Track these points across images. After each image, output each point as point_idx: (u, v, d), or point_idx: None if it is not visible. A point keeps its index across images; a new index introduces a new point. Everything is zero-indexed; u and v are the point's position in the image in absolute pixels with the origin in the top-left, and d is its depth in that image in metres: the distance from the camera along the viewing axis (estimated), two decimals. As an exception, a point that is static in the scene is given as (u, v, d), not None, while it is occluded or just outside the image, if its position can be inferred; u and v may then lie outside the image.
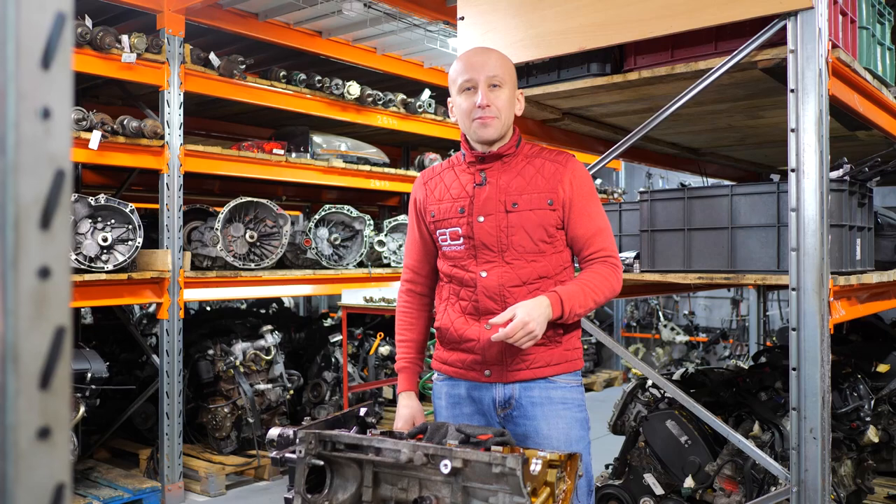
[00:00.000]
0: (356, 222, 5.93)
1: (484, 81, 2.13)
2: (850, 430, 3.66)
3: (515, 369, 2.16)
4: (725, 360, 8.26)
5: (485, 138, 2.16)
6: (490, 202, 2.16)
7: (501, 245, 2.15)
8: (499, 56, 2.21)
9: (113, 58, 4.45)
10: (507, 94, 2.17)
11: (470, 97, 2.15)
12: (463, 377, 2.24)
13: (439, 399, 2.32)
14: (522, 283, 2.14)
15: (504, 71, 2.18)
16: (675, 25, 2.67)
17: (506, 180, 2.18)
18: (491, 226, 2.15)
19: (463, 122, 2.20)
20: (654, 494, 3.38)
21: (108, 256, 4.45)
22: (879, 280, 3.02)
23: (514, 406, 2.19)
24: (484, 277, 2.15)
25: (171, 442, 4.77)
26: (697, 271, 2.95)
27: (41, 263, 0.59)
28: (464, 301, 2.20)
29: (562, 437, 2.16)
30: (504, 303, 2.13)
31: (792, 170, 2.51)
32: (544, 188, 2.16)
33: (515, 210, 2.14)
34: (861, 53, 2.93)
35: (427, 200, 2.29)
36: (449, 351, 2.26)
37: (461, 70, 2.18)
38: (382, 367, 6.52)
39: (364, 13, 5.10)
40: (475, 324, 2.17)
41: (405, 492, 1.81)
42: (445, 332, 2.24)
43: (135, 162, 4.69)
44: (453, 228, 2.19)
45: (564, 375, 2.21)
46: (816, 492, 2.47)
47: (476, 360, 2.19)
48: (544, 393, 2.18)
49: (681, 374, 3.99)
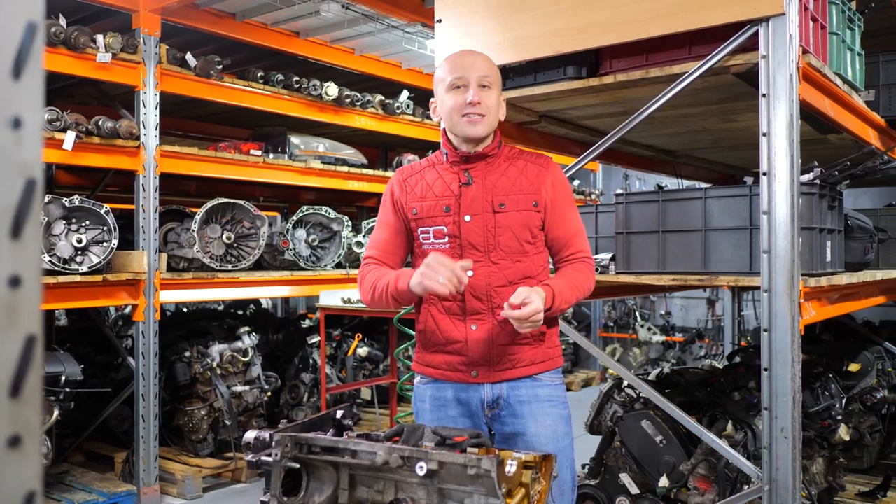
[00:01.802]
0: (334, 223, 5.92)
1: (475, 81, 2.16)
2: (821, 429, 3.72)
3: (502, 369, 2.18)
4: (701, 360, 8.34)
5: (472, 136, 2.17)
6: (477, 201, 2.17)
7: (488, 245, 2.16)
8: (488, 59, 2.25)
9: (88, 57, 4.41)
10: (495, 96, 2.21)
11: (459, 94, 2.16)
12: (448, 379, 2.23)
13: (422, 402, 2.30)
14: (508, 283, 2.16)
15: (493, 73, 2.21)
16: (650, 30, 2.70)
17: (492, 180, 2.19)
18: (478, 225, 2.16)
19: (449, 120, 2.20)
20: (629, 494, 3.41)
21: (82, 258, 4.41)
22: (849, 281, 3.08)
23: (502, 406, 2.21)
24: (470, 277, 2.14)
25: (147, 444, 4.73)
26: (671, 273, 2.99)
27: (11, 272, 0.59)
28: (447, 301, 2.19)
29: (549, 434, 2.19)
30: (490, 302, 2.15)
31: (763, 173, 2.55)
32: (529, 189, 2.19)
33: (503, 210, 2.16)
34: (831, 59, 2.98)
35: (407, 197, 2.27)
36: (433, 353, 2.25)
37: (451, 69, 2.19)
38: (360, 369, 6.51)
39: (342, 14, 5.09)
40: (461, 324, 2.18)
41: (381, 494, 1.82)
42: (430, 334, 2.23)
43: (110, 163, 4.65)
44: (438, 227, 2.19)
45: (548, 373, 2.25)
46: (787, 490, 2.51)
47: (463, 360, 2.19)
48: (531, 391, 2.21)
49: (656, 375, 4.02)
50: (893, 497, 4.18)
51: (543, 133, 3.80)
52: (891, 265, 4.02)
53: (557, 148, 4.04)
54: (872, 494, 4.16)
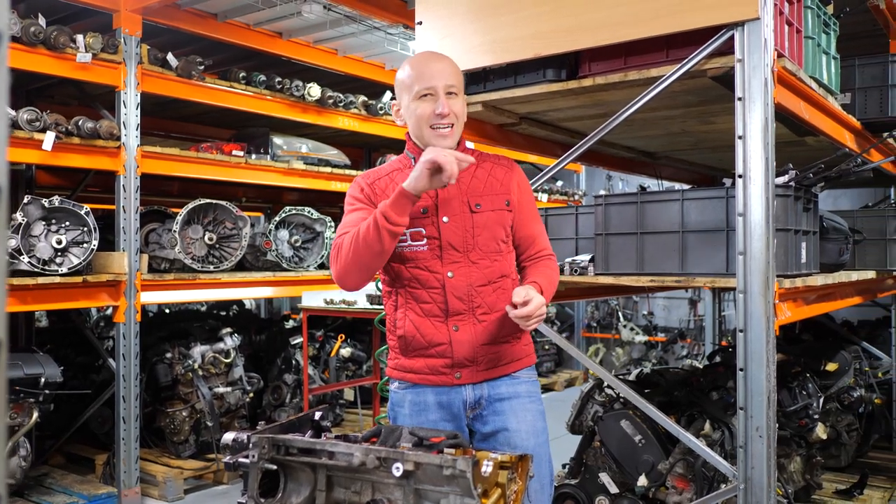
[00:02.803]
0: (317, 224, 5.92)
1: (443, 89, 2.14)
2: (799, 428, 3.77)
3: (485, 368, 2.20)
4: (683, 360, 8.40)
5: (444, 147, 2.14)
6: (454, 202, 2.17)
7: (467, 245, 2.17)
8: (451, 63, 2.24)
9: (67, 57, 4.39)
10: (461, 102, 2.21)
11: (427, 104, 2.15)
12: (430, 383, 2.21)
13: (401, 408, 2.27)
14: (488, 283, 2.18)
15: (458, 79, 2.22)
16: (628, 34, 2.73)
17: (465, 181, 2.20)
18: (457, 226, 2.16)
19: (417, 128, 2.18)
20: (609, 493, 3.44)
21: (62, 259, 4.39)
22: (824, 282, 3.12)
23: (484, 405, 2.22)
24: (451, 278, 2.15)
25: (128, 446, 4.71)
26: (650, 274, 3.01)
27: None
28: (426, 304, 2.18)
29: (530, 429, 2.21)
30: (471, 302, 2.16)
31: (739, 176, 2.59)
32: (500, 190, 2.23)
33: (479, 211, 2.18)
34: (807, 62, 3.01)
35: (379, 199, 2.18)
36: (413, 358, 2.22)
37: (417, 77, 2.17)
38: (344, 369, 6.51)
39: (324, 15, 5.09)
40: (442, 326, 2.17)
41: (358, 495, 1.83)
42: (411, 339, 2.20)
43: (90, 163, 4.62)
44: (416, 229, 2.17)
45: (525, 370, 2.29)
46: (762, 489, 2.54)
47: (446, 363, 2.18)
48: (511, 389, 2.23)
49: (636, 375, 4.06)
50: (870, 495, 4.24)
51: (524, 135, 3.82)
52: (866, 266, 4.08)
53: (538, 149, 4.06)
54: (849, 492, 4.22)
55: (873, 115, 3.93)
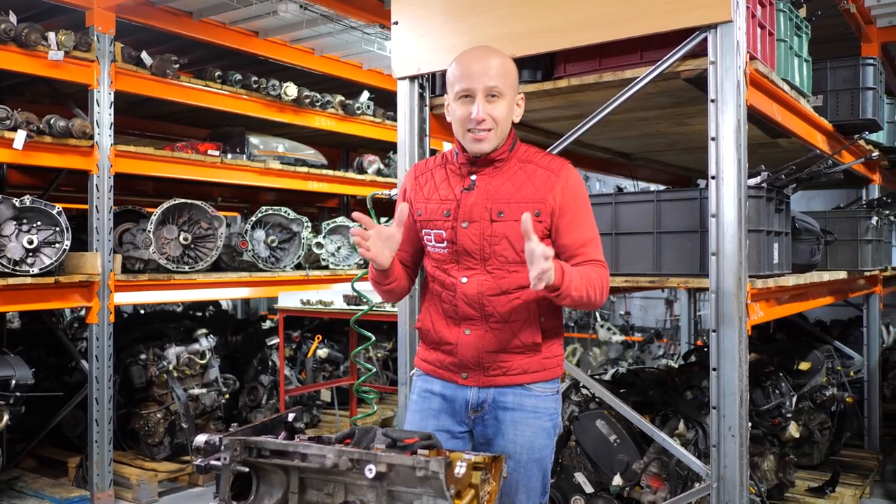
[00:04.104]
0: (294, 224, 5.88)
1: (482, 92, 2.07)
2: (772, 426, 3.81)
3: (492, 375, 2.18)
4: (659, 360, 8.46)
5: (477, 152, 2.13)
6: (476, 208, 2.13)
7: (484, 253, 2.13)
8: (500, 63, 2.11)
9: (39, 55, 4.33)
10: (505, 105, 2.11)
11: (466, 107, 2.09)
12: (440, 377, 2.26)
13: (413, 393, 2.35)
14: (502, 293, 2.13)
15: (504, 80, 2.10)
16: (603, 35, 2.74)
17: (495, 186, 2.13)
18: (475, 233, 2.12)
19: (457, 130, 2.14)
20: (584, 493, 3.45)
21: (33, 259, 4.33)
22: (796, 283, 3.15)
23: (486, 410, 2.21)
24: (464, 284, 2.14)
25: (101, 449, 4.65)
26: (624, 274, 3.03)
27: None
28: (444, 304, 2.20)
29: (526, 444, 2.18)
30: (482, 310, 2.14)
31: (712, 177, 2.61)
32: (533, 198, 2.11)
33: (501, 219, 2.11)
34: (779, 65, 3.05)
35: (416, 197, 2.25)
36: (429, 350, 2.29)
37: (459, 76, 2.10)
38: (321, 370, 6.48)
39: (300, 14, 5.07)
40: (455, 328, 2.19)
41: (331, 497, 1.82)
42: (427, 332, 2.27)
43: (63, 162, 4.56)
44: (438, 231, 2.16)
45: (541, 384, 2.21)
46: (735, 487, 2.56)
47: (454, 362, 2.20)
48: (517, 399, 2.19)
49: (612, 375, 4.08)
50: (842, 492, 4.29)
51: (501, 135, 3.82)
52: (838, 266, 4.13)
53: (515, 150, 4.06)
54: (822, 490, 4.27)
55: (845, 117, 3.99)
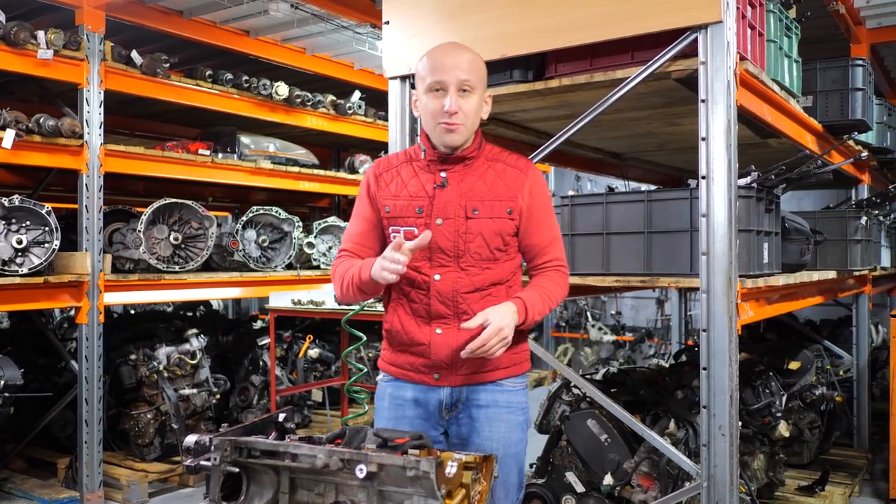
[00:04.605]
0: (285, 224, 5.87)
1: (455, 85, 2.08)
2: (762, 426, 3.82)
3: (464, 373, 2.17)
4: (650, 359, 8.49)
5: (449, 144, 2.13)
6: (451, 205, 2.13)
7: (458, 250, 2.13)
8: (471, 58, 2.14)
9: (28, 54, 4.31)
10: (476, 100, 2.13)
11: (438, 99, 2.10)
12: (410, 380, 2.22)
13: (382, 400, 2.29)
14: (475, 290, 2.14)
15: (475, 74, 2.12)
16: (594, 35, 2.74)
17: (468, 184, 2.15)
18: (449, 230, 2.12)
19: (427, 123, 2.15)
20: (575, 492, 3.46)
21: (22, 259, 4.30)
22: (786, 282, 3.16)
23: (460, 409, 2.20)
24: (437, 281, 2.13)
25: (91, 449, 4.63)
26: (615, 274, 3.03)
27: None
28: (414, 303, 2.17)
29: (501, 439, 2.19)
30: (456, 307, 2.14)
31: (703, 177, 2.61)
32: (505, 195, 2.15)
33: (475, 217, 2.12)
34: (769, 65, 3.06)
35: (381, 193, 2.21)
36: (397, 353, 2.24)
37: (431, 69, 2.11)
38: (312, 370, 6.46)
39: (291, 13, 5.06)
40: (426, 327, 2.16)
41: (322, 497, 1.81)
42: (395, 334, 2.22)
43: (52, 162, 4.54)
44: (409, 228, 2.15)
45: (512, 379, 2.23)
46: (725, 486, 2.57)
47: (426, 363, 2.18)
48: (491, 396, 2.20)
49: (603, 374, 4.08)
50: (831, 491, 4.31)
51: (493, 135, 3.82)
52: (827, 266, 4.15)
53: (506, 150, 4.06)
54: (811, 488, 4.29)
55: (834, 117, 4.00)
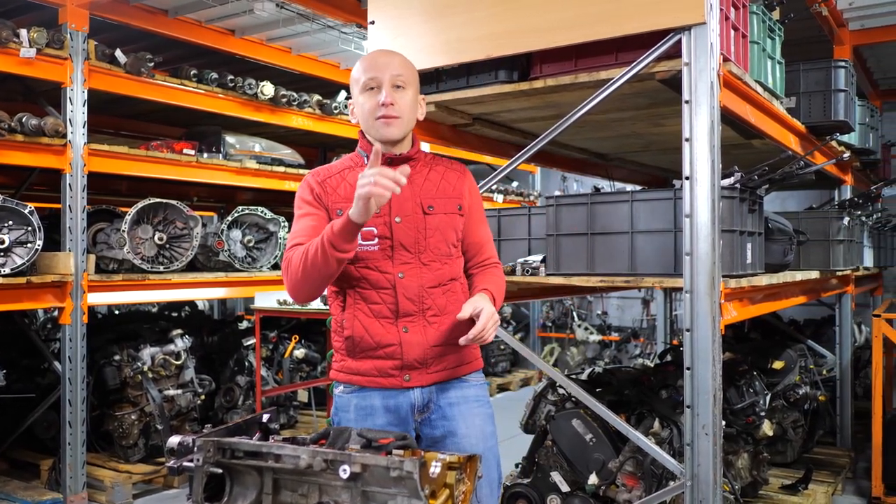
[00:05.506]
0: (270, 224, 5.85)
1: (388, 81, 2.12)
2: (746, 425, 3.84)
3: (434, 371, 2.18)
4: (636, 359, 8.52)
5: (388, 137, 2.14)
6: (407, 203, 2.15)
7: (419, 246, 2.15)
8: (403, 58, 2.22)
9: (10, 52, 4.27)
10: (410, 96, 2.17)
11: (373, 96, 2.13)
12: (378, 385, 2.16)
13: (346, 412, 2.20)
14: (438, 285, 2.17)
15: (408, 73, 2.18)
16: (578, 36, 2.75)
17: (419, 182, 2.19)
18: (409, 227, 2.14)
19: (365, 122, 2.17)
20: (560, 492, 3.46)
21: (5, 259, 4.27)
22: (769, 282, 3.18)
23: (432, 409, 2.20)
24: (402, 279, 2.13)
25: (74, 451, 4.60)
26: (599, 274, 3.04)
27: None
28: (376, 304, 2.14)
29: (478, 434, 2.22)
30: (422, 304, 2.14)
31: (686, 177, 2.63)
32: (452, 194, 2.23)
33: (432, 213, 2.17)
34: (752, 67, 3.08)
35: (330, 198, 2.17)
36: (361, 360, 2.17)
37: (364, 69, 2.16)
38: (298, 371, 6.45)
39: (277, 13, 5.04)
40: (392, 327, 2.14)
41: (305, 497, 1.81)
42: (359, 339, 2.15)
43: (35, 161, 4.50)
44: (367, 228, 2.13)
45: (474, 374, 2.29)
46: (709, 485, 2.59)
47: (396, 364, 2.14)
48: (459, 392, 2.23)
49: (588, 374, 4.10)
50: (815, 489, 4.34)
51: (478, 136, 3.83)
52: (810, 266, 4.17)
53: (492, 150, 4.08)
54: (795, 487, 4.31)
55: (817, 118, 4.03)
